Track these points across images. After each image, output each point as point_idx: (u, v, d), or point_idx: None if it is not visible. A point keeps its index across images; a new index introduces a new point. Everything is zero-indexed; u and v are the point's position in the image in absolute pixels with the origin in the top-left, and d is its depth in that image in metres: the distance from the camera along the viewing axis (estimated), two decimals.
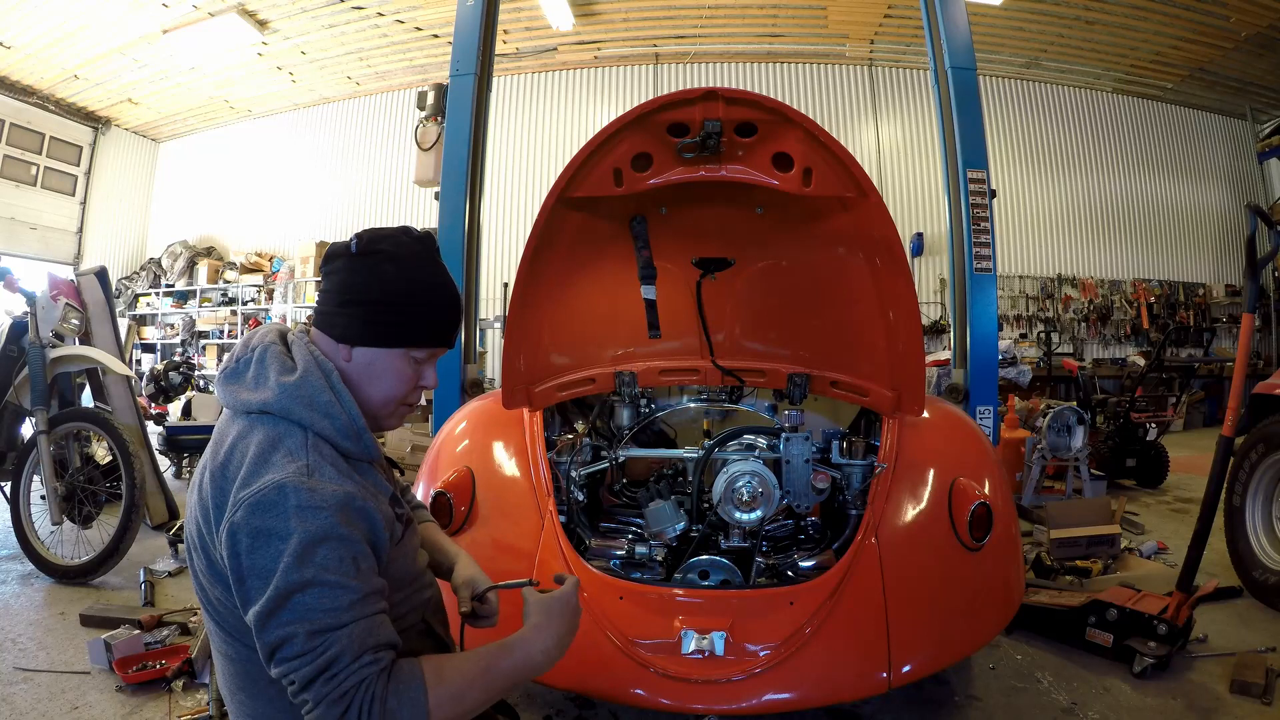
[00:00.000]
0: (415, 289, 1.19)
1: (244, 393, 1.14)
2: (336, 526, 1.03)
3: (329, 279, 1.21)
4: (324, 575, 0.99)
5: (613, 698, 1.93)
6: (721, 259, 2.56)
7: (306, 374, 1.14)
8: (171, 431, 4.12)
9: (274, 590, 0.98)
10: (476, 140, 4.31)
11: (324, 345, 1.20)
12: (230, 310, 11.58)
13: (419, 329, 1.20)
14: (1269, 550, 3.34)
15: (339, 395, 1.15)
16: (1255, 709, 2.37)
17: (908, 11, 8.77)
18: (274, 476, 1.04)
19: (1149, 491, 5.81)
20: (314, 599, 0.98)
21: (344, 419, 1.14)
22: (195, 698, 2.41)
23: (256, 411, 1.12)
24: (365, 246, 1.18)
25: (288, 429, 1.11)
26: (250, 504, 1.02)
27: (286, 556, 0.99)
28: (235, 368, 1.19)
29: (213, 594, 1.11)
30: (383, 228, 1.23)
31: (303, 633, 0.97)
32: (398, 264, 1.18)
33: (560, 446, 2.53)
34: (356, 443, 1.16)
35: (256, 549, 1.00)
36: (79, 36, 9.07)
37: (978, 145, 4.12)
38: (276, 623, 0.98)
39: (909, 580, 1.96)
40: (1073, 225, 10.81)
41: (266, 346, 1.19)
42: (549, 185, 2.13)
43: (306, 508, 1.01)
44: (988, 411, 3.87)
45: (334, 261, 1.20)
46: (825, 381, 2.61)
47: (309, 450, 1.09)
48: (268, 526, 1.00)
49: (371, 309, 1.17)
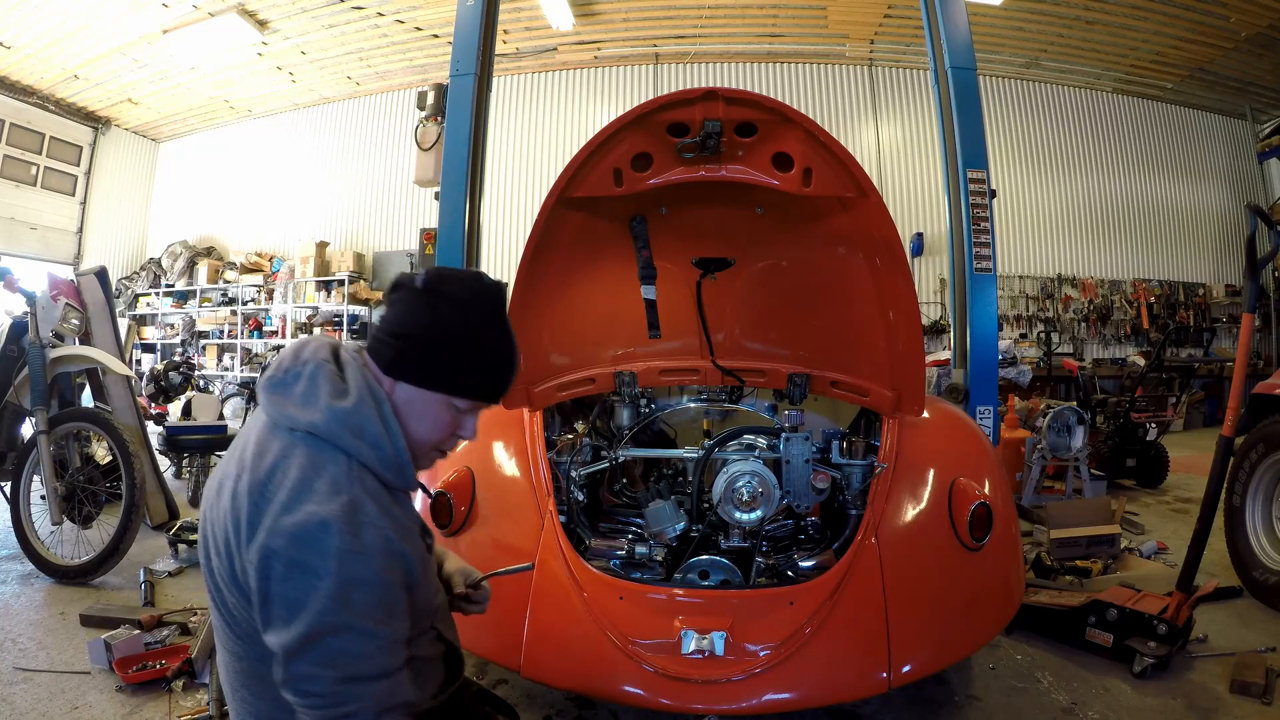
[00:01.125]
0: (470, 338, 1.15)
1: (291, 407, 1.11)
2: (377, 572, 1.04)
3: (389, 307, 1.18)
4: (358, 621, 1.01)
5: (613, 698, 1.93)
6: (721, 259, 2.56)
7: (360, 402, 1.11)
8: (171, 431, 4.12)
9: (306, 628, 0.99)
10: (476, 140, 4.31)
11: (373, 372, 1.18)
12: (230, 310, 11.57)
13: (467, 380, 1.17)
14: (1269, 550, 3.34)
15: (388, 426, 1.13)
16: (1255, 709, 2.37)
17: (908, 11, 8.77)
18: (318, 509, 1.02)
19: (1149, 491, 5.81)
20: (345, 643, 1.00)
21: (390, 451, 1.12)
22: (195, 698, 2.41)
23: (303, 430, 1.10)
24: (430, 284, 1.15)
25: (332, 455, 1.09)
26: (292, 534, 1.01)
27: (323, 597, 0.99)
28: (283, 378, 1.15)
29: (228, 597, 1.11)
30: (456, 269, 1.20)
31: (330, 677, 0.99)
32: (459, 309, 1.15)
33: (560, 446, 2.54)
34: (399, 475, 1.15)
35: (290, 579, 1.00)
36: (79, 36, 9.07)
37: (978, 145, 4.13)
38: (304, 660, 0.99)
39: (909, 580, 1.96)
40: (1073, 225, 10.80)
41: (319, 364, 1.15)
42: (549, 185, 2.13)
43: (349, 551, 1.01)
44: (988, 411, 3.88)
45: (397, 291, 1.17)
46: (825, 381, 2.61)
47: (353, 482, 1.08)
48: (306, 560, 1.00)
49: (421, 348, 1.14)
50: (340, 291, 10.72)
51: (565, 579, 1.96)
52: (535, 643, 1.90)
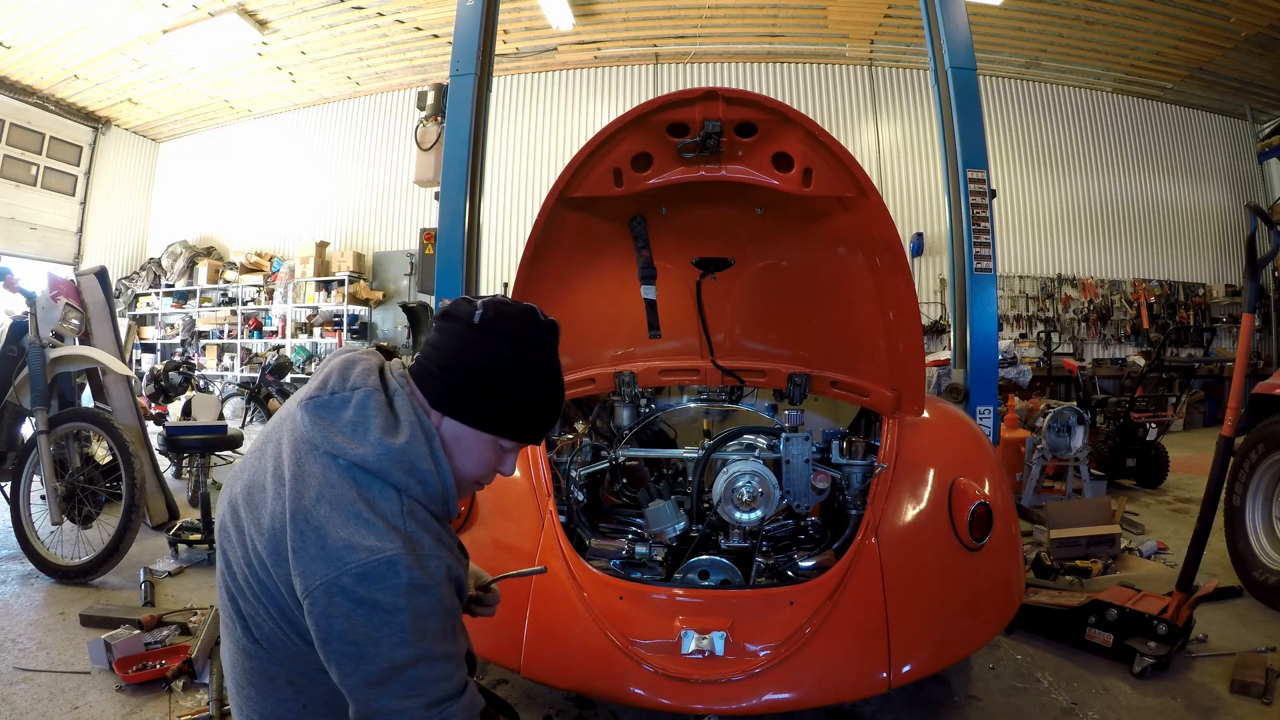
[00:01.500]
0: (525, 382, 1.15)
1: (339, 436, 1.09)
2: (443, 600, 1.08)
3: (441, 335, 1.15)
4: (435, 649, 1.05)
5: (613, 698, 1.93)
6: (721, 259, 2.56)
7: (412, 440, 1.10)
8: (171, 431, 4.11)
9: (387, 663, 1.01)
10: (476, 140, 4.31)
11: (420, 402, 1.16)
12: (230, 310, 11.58)
13: (517, 423, 1.17)
14: (1269, 550, 3.34)
15: (438, 463, 1.13)
16: (1255, 709, 2.37)
17: (908, 11, 8.77)
18: (380, 545, 1.02)
19: (1149, 491, 5.81)
20: (426, 671, 1.04)
21: (438, 486, 1.13)
22: (195, 698, 2.41)
23: (351, 463, 1.09)
24: (488, 321, 1.12)
25: (382, 490, 1.08)
26: (358, 574, 1.01)
27: (400, 631, 1.02)
28: (329, 401, 1.12)
29: (250, 606, 1.11)
30: (512, 303, 1.17)
31: (418, 705, 1.03)
32: (516, 351, 1.13)
33: (560, 446, 2.54)
34: (443, 507, 1.16)
35: (358, 616, 1.01)
36: (79, 36, 9.07)
37: (978, 145, 4.13)
38: (389, 694, 1.02)
39: (909, 580, 1.96)
40: (1073, 225, 10.81)
41: (370, 392, 1.12)
42: (549, 185, 2.13)
43: (417, 586, 1.04)
44: (988, 411, 3.88)
45: (451, 322, 1.14)
46: (825, 381, 2.61)
47: (406, 518, 1.08)
48: (375, 599, 1.01)
49: (474, 388, 1.13)
50: (340, 291, 10.72)
51: (565, 579, 1.96)
52: (535, 643, 1.90)
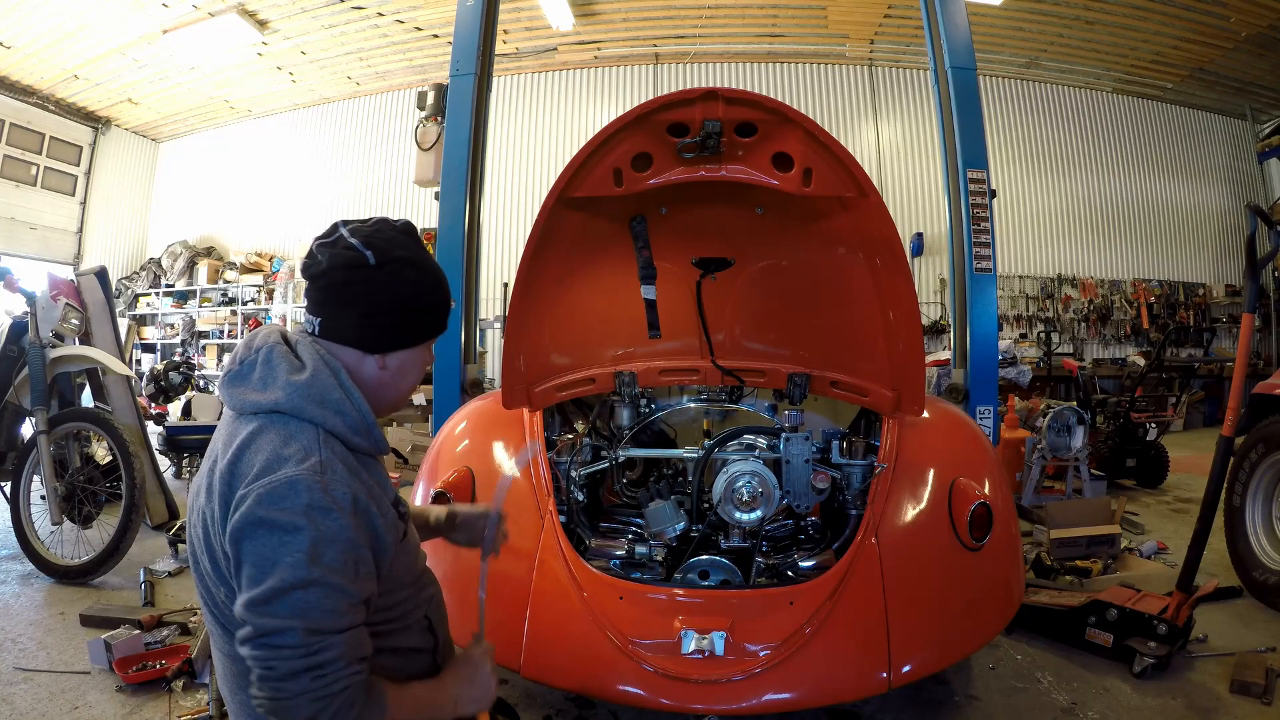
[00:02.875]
0: (433, 286, 1.24)
1: (251, 394, 1.14)
2: (347, 529, 1.06)
3: (344, 290, 1.17)
4: (329, 576, 1.02)
5: (613, 698, 1.92)
6: (721, 259, 2.56)
7: (316, 373, 1.15)
8: (171, 431, 4.12)
9: (277, 581, 1.00)
10: (476, 140, 4.31)
11: (347, 357, 1.19)
12: (230, 310, 11.58)
13: (440, 319, 1.27)
14: (1269, 550, 3.34)
15: (349, 392, 1.16)
16: (1255, 709, 2.37)
17: (908, 11, 8.77)
18: (287, 471, 1.05)
19: (1149, 491, 5.81)
20: (316, 598, 1.01)
21: (355, 415, 1.16)
22: (195, 698, 2.41)
23: (266, 411, 1.12)
24: (382, 256, 1.16)
25: (299, 426, 1.11)
26: (260, 494, 1.03)
27: (295, 551, 1.01)
28: (239, 370, 1.18)
29: (218, 596, 1.12)
30: (370, 225, 1.20)
31: (301, 628, 1.00)
32: (414, 268, 1.20)
33: (560, 446, 2.53)
34: (367, 438, 1.18)
35: (259, 536, 1.02)
36: (79, 36, 9.06)
37: (978, 145, 4.12)
38: (272, 611, 1.00)
39: (909, 580, 1.96)
40: (1073, 225, 10.80)
41: (271, 347, 1.18)
42: (549, 185, 2.12)
43: (318, 507, 1.03)
44: (988, 411, 3.87)
45: (348, 273, 1.16)
46: (825, 381, 2.61)
47: (321, 446, 1.10)
48: (275, 518, 1.02)
49: (406, 315, 1.21)
50: None
51: (565, 579, 1.96)
52: (535, 643, 1.90)
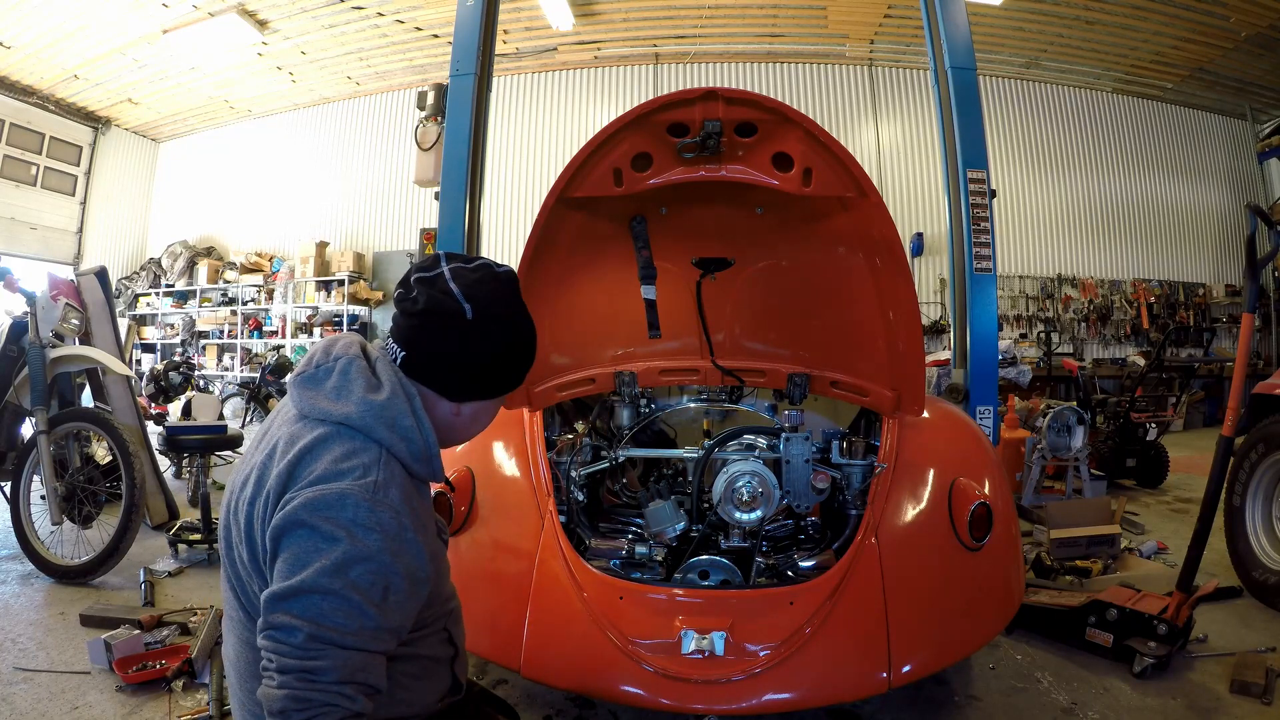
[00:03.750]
0: (523, 344, 1.26)
1: (324, 401, 1.15)
2: (383, 552, 1.06)
3: (435, 336, 1.18)
4: (350, 592, 1.02)
5: (613, 698, 1.92)
6: (721, 259, 2.56)
7: (393, 396, 1.16)
8: (171, 431, 4.11)
9: (299, 581, 1.01)
10: (476, 140, 4.31)
11: (425, 393, 1.21)
12: (230, 310, 11.58)
13: (521, 375, 1.29)
14: (1269, 550, 3.34)
15: (419, 420, 1.17)
16: (1255, 709, 2.37)
17: (908, 11, 8.77)
18: (343, 486, 1.06)
19: (1149, 491, 5.81)
20: (330, 606, 1.01)
21: (421, 444, 1.17)
22: (195, 698, 2.41)
23: (336, 422, 1.13)
24: (481, 312, 1.17)
25: (365, 444, 1.12)
26: (309, 499, 1.04)
27: (324, 559, 1.02)
28: (314, 374, 1.19)
29: (250, 587, 1.13)
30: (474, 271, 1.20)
31: (305, 630, 1.00)
32: (509, 327, 1.23)
33: (560, 446, 2.53)
34: (427, 466, 1.19)
35: (298, 536, 1.03)
36: (79, 36, 9.07)
37: (978, 145, 4.12)
38: (286, 608, 1.01)
39: (909, 580, 1.96)
40: (1073, 225, 10.81)
41: (351, 360, 1.19)
42: (549, 185, 2.12)
43: (361, 524, 1.04)
44: (988, 411, 3.88)
45: (443, 319, 1.17)
46: (825, 381, 2.61)
47: (381, 468, 1.11)
48: (317, 524, 1.03)
49: (489, 372, 1.23)
50: (340, 291, 10.72)
51: (565, 579, 1.96)
52: (535, 643, 1.90)
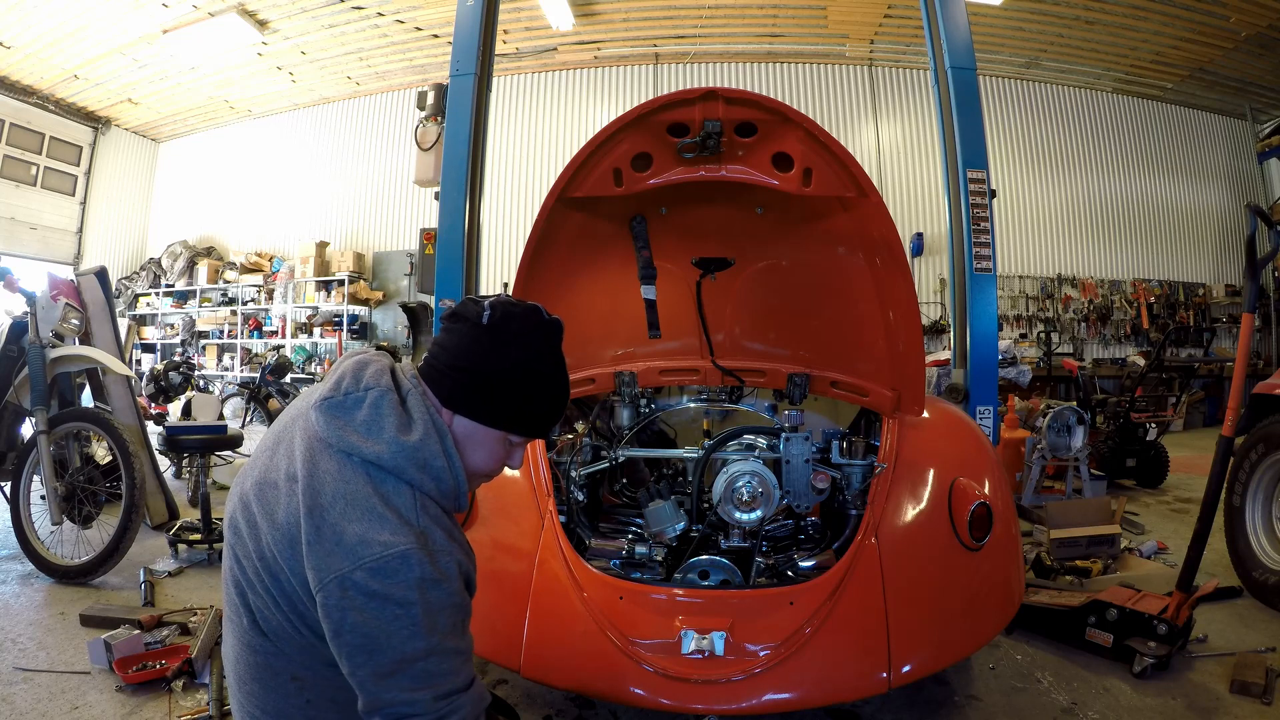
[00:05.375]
0: (533, 381, 1.19)
1: (353, 435, 1.12)
2: (454, 595, 1.09)
3: (449, 336, 1.18)
4: (445, 642, 1.06)
5: (613, 698, 1.92)
6: (721, 259, 2.56)
7: (426, 438, 1.14)
8: (171, 431, 4.11)
9: (399, 655, 1.03)
10: (476, 140, 4.31)
11: (432, 401, 1.19)
12: (230, 310, 11.58)
13: (525, 419, 1.21)
14: (1269, 550, 3.34)
15: (450, 460, 1.16)
16: (1255, 709, 2.37)
17: (908, 11, 8.77)
18: (394, 540, 1.05)
19: (1149, 491, 5.81)
20: (436, 665, 1.05)
21: (451, 483, 1.16)
22: (195, 698, 2.41)
23: (366, 460, 1.11)
24: (497, 321, 1.15)
25: (396, 486, 1.11)
26: (372, 568, 1.03)
27: (411, 625, 1.03)
28: (343, 401, 1.15)
29: (264, 599, 1.12)
30: (517, 303, 1.20)
31: (428, 697, 1.04)
32: (524, 351, 1.17)
33: (560, 446, 2.53)
34: (455, 502, 1.19)
35: (372, 610, 1.03)
36: (79, 36, 9.07)
37: (978, 145, 4.12)
38: (398, 685, 1.03)
39: (909, 580, 1.96)
40: (1073, 225, 10.81)
41: (383, 393, 1.15)
42: (549, 185, 2.13)
43: (429, 580, 1.06)
44: (988, 411, 3.88)
45: (458, 322, 1.17)
46: (825, 381, 2.61)
47: (419, 513, 1.11)
48: (389, 593, 1.03)
49: (484, 386, 1.17)
50: (340, 291, 10.72)
51: (565, 579, 1.96)
52: (535, 643, 1.90)
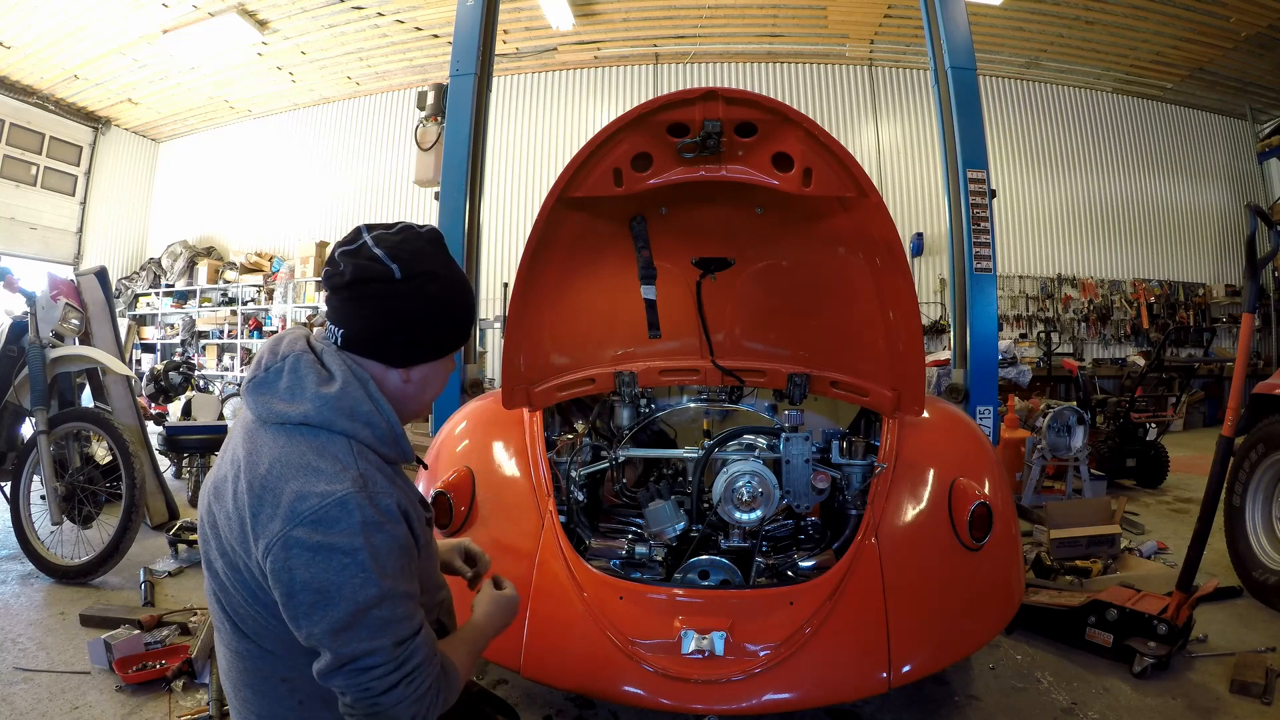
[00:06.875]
0: (458, 298, 1.22)
1: (278, 403, 1.12)
2: (398, 536, 1.08)
3: (368, 303, 1.14)
4: (398, 586, 1.05)
5: (613, 698, 1.92)
6: (721, 259, 2.56)
7: (346, 385, 1.13)
8: (171, 431, 4.12)
9: (353, 605, 1.01)
10: (476, 140, 4.31)
11: (372, 369, 1.18)
12: (230, 310, 11.58)
13: (464, 330, 1.25)
14: (1269, 550, 3.34)
15: (377, 404, 1.15)
16: (1255, 709, 2.37)
17: (908, 11, 8.77)
18: (331, 488, 1.04)
19: (1149, 491, 5.81)
20: (390, 610, 1.03)
21: (384, 427, 1.15)
22: (195, 698, 2.41)
23: (295, 423, 1.11)
24: (408, 270, 1.14)
25: (330, 438, 1.11)
26: (313, 521, 1.02)
27: (360, 571, 1.02)
28: (265, 376, 1.15)
29: (234, 597, 1.11)
30: (396, 234, 1.17)
31: (389, 643, 1.03)
32: (440, 282, 1.18)
33: (560, 446, 2.54)
34: (395, 448, 1.18)
35: (318, 563, 1.01)
36: (79, 36, 9.06)
37: (978, 145, 4.12)
38: (357, 636, 1.01)
39: (909, 580, 1.96)
40: (1073, 225, 10.80)
41: (298, 355, 1.15)
42: (549, 185, 2.12)
43: (371, 524, 1.04)
44: (988, 411, 3.87)
45: (372, 286, 1.13)
46: (825, 381, 2.61)
47: (356, 458, 1.10)
48: (333, 542, 1.01)
49: (429, 331, 1.19)
50: None
51: (565, 579, 1.96)
52: (535, 643, 1.90)
